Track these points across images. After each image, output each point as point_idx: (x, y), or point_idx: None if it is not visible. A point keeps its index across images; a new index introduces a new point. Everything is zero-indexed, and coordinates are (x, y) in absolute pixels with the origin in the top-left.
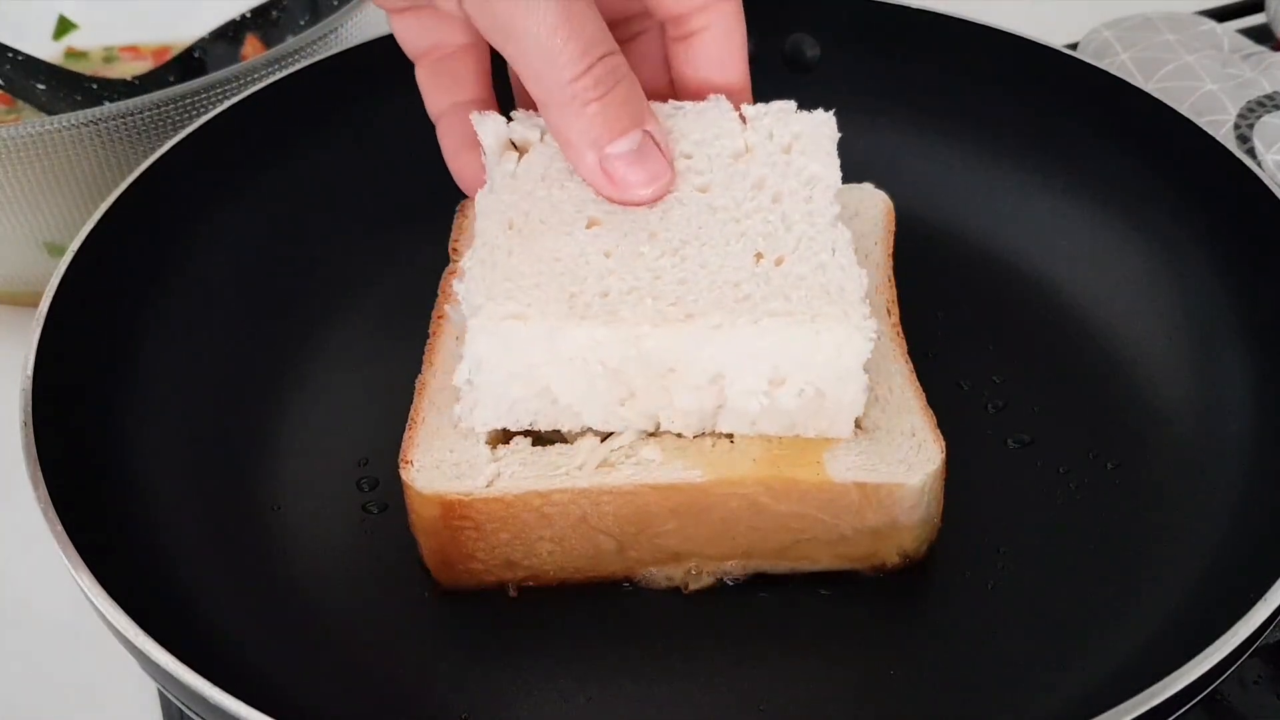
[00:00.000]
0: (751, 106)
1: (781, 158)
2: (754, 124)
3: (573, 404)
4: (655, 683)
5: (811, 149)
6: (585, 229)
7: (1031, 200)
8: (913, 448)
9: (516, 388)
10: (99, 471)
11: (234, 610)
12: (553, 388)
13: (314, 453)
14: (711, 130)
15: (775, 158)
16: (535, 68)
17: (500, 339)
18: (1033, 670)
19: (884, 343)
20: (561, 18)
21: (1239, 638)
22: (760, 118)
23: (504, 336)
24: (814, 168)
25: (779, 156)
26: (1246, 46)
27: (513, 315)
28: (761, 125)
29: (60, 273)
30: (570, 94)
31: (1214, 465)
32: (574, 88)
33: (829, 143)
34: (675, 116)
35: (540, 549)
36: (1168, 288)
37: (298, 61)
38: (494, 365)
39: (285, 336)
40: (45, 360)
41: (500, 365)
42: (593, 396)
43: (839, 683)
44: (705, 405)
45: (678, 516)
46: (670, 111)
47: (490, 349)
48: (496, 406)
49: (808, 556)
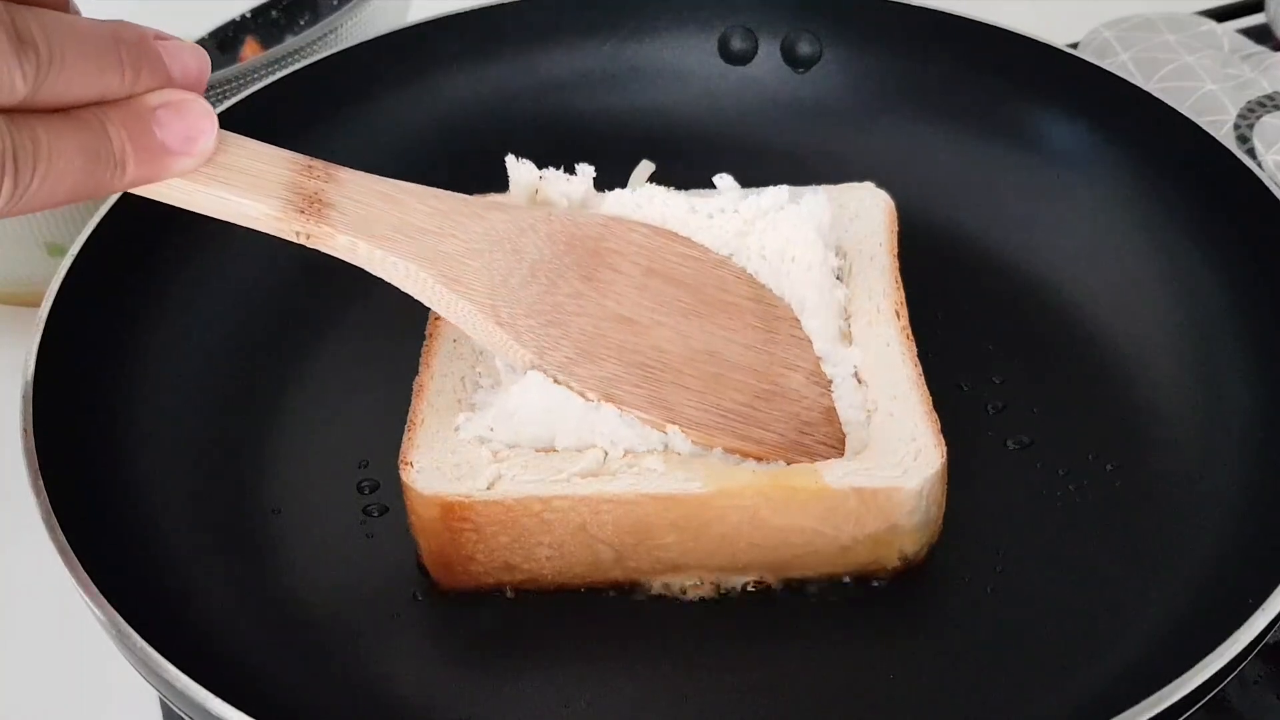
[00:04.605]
0: (744, 201)
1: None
2: (746, 239)
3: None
4: (655, 686)
5: (803, 253)
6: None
7: (1032, 200)
8: (912, 452)
9: (528, 436)
10: (99, 473)
11: (233, 613)
12: (560, 442)
13: (314, 456)
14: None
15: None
16: None
17: (545, 399)
18: (1033, 673)
19: (893, 347)
20: None
21: (1241, 644)
22: (752, 226)
23: (549, 397)
24: (804, 260)
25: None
26: (1246, 46)
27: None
28: (754, 242)
29: (61, 273)
30: None
31: (1214, 465)
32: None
33: (820, 248)
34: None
35: (539, 554)
36: (1168, 288)
37: (296, 62)
38: (523, 419)
39: (286, 338)
40: (46, 361)
41: (529, 420)
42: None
43: (839, 686)
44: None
45: (677, 529)
46: (685, 214)
47: (530, 406)
48: (505, 446)
49: (809, 568)
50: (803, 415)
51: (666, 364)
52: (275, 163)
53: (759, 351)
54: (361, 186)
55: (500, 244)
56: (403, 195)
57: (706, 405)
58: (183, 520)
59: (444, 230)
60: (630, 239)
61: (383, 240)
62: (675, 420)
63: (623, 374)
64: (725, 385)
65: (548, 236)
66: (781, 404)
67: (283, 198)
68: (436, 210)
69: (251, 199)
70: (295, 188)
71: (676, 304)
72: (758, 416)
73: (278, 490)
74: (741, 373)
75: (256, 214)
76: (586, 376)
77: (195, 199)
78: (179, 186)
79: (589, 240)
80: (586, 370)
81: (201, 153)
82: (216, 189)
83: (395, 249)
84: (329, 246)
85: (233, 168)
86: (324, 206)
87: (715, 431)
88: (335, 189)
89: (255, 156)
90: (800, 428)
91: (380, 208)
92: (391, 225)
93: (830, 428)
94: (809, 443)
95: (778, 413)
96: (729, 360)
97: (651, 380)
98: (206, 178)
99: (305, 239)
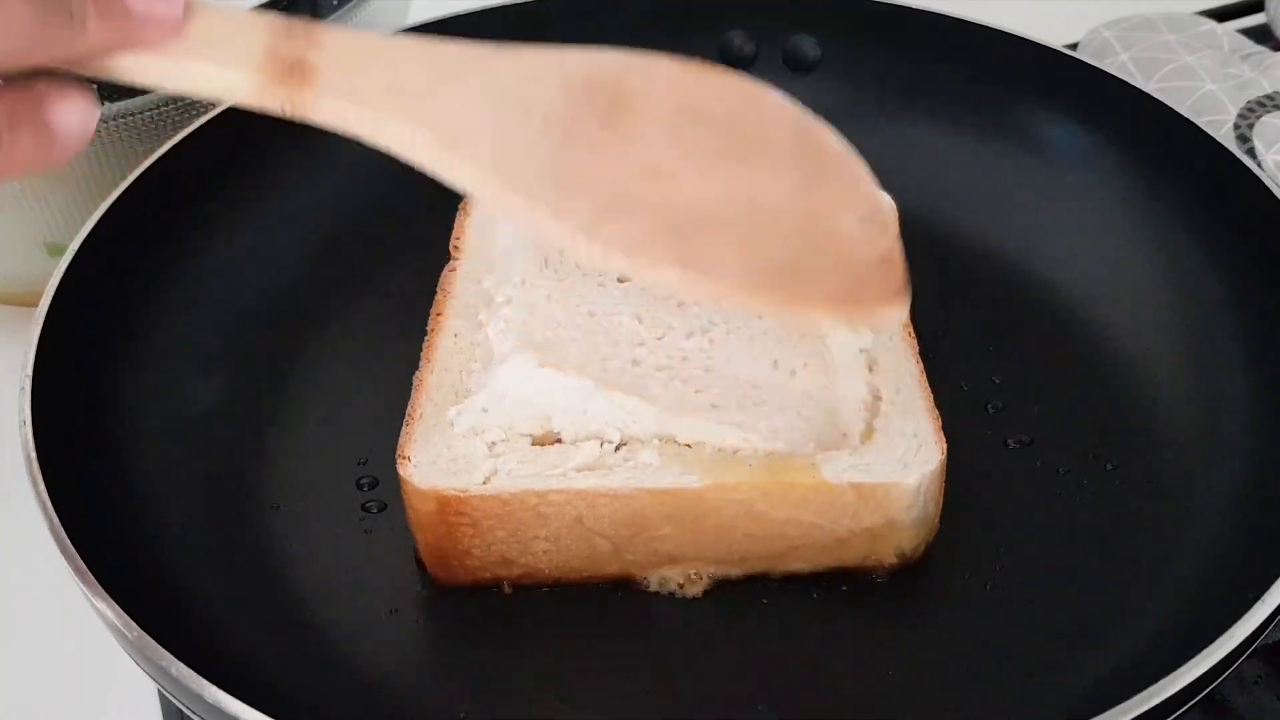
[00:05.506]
0: None
1: None
2: None
3: (568, 437)
4: (653, 682)
5: None
6: (617, 282)
7: (1032, 201)
8: (911, 448)
9: (522, 416)
10: (98, 471)
11: (232, 608)
12: (555, 423)
13: (313, 452)
14: None
15: None
16: None
17: (532, 382)
18: (1031, 670)
19: (895, 344)
20: None
21: (1238, 638)
22: None
23: (537, 380)
24: None
25: None
26: (1246, 46)
27: (551, 364)
28: None
29: (60, 273)
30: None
31: (1214, 465)
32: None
33: None
34: None
35: (536, 548)
36: (1168, 288)
37: None
38: (515, 400)
39: (285, 335)
40: (45, 360)
41: (522, 401)
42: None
43: (836, 683)
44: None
45: (674, 522)
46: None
47: (519, 387)
48: (500, 430)
49: (805, 560)
50: (856, 264)
51: (699, 218)
52: (251, 29)
53: (805, 195)
54: (347, 46)
55: (505, 97)
56: (394, 51)
57: (746, 262)
58: (181, 515)
59: (440, 87)
60: (656, 76)
61: (372, 104)
62: (712, 282)
63: (650, 234)
64: (768, 236)
65: (561, 83)
66: (832, 254)
67: (262, 66)
68: (432, 65)
69: (228, 70)
70: (275, 54)
71: (709, 147)
72: (805, 270)
73: (277, 486)
74: (785, 221)
75: (234, 86)
76: (610, 238)
77: (167, 74)
78: (148, 63)
79: (609, 83)
80: (610, 231)
81: (168, 17)
82: (188, 62)
83: (386, 112)
84: (314, 117)
85: (205, 38)
86: (306, 72)
87: (758, 291)
88: (318, 52)
89: (229, 24)
90: (854, 279)
91: (368, 68)
92: (381, 86)
93: (888, 277)
94: (865, 295)
95: (829, 263)
96: (771, 207)
97: (683, 239)
98: (177, 51)
99: (289, 109)
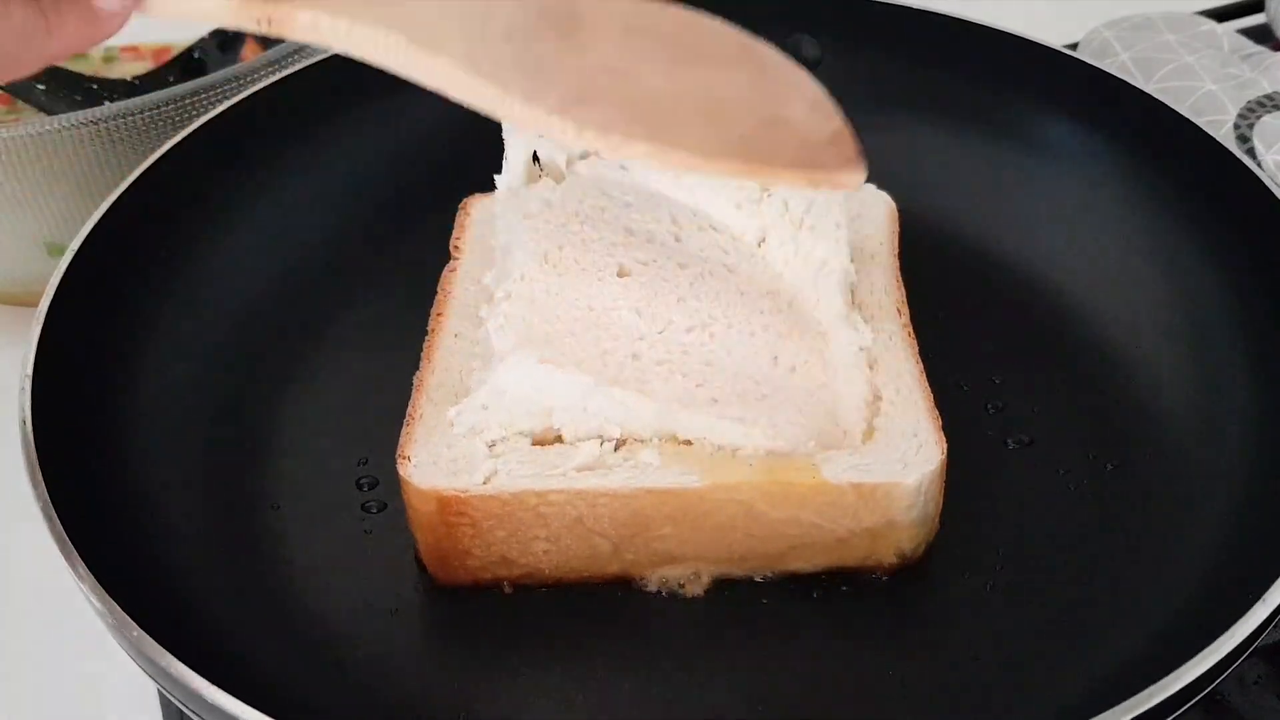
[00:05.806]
0: None
1: (792, 242)
2: (771, 198)
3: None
4: (653, 682)
5: (822, 222)
6: (616, 276)
7: (1031, 200)
8: (912, 448)
9: (522, 413)
10: (98, 471)
11: (232, 608)
12: (556, 420)
13: (313, 452)
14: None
15: (787, 244)
16: None
17: (531, 379)
18: (1031, 670)
19: (895, 343)
20: None
21: (1238, 637)
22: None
23: (536, 377)
24: (821, 250)
25: (791, 238)
26: (1246, 46)
27: (550, 360)
28: (777, 197)
29: (60, 273)
30: None
31: (1214, 465)
32: None
33: (839, 210)
34: (699, 188)
35: (536, 548)
36: (1167, 288)
37: (297, 62)
38: (515, 397)
39: (285, 335)
40: (45, 360)
41: (521, 398)
42: (589, 434)
43: (836, 683)
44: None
45: (674, 522)
46: (694, 183)
47: (518, 384)
48: (500, 428)
49: (805, 560)
50: (811, 139)
51: (662, 102)
52: None
53: (755, 88)
54: None
55: (470, 11)
56: None
57: (710, 135)
58: (182, 515)
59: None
60: (606, 2)
61: (347, 12)
62: (681, 153)
63: (619, 115)
64: (727, 116)
65: (518, 2)
66: (788, 130)
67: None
68: None
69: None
70: None
71: (662, 55)
72: (765, 141)
73: (277, 485)
74: (741, 106)
75: (211, 4)
76: (582, 118)
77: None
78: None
79: (563, 5)
80: (581, 112)
81: None
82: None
83: (359, 20)
84: (291, 30)
85: None
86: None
87: (725, 159)
88: None
89: None
90: (812, 150)
91: None
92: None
93: (842, 148)
94: (824, 162)
95: (786, 136)
96: (725, 97)
97: (650, 119)
98: None
99: (266, 25)
